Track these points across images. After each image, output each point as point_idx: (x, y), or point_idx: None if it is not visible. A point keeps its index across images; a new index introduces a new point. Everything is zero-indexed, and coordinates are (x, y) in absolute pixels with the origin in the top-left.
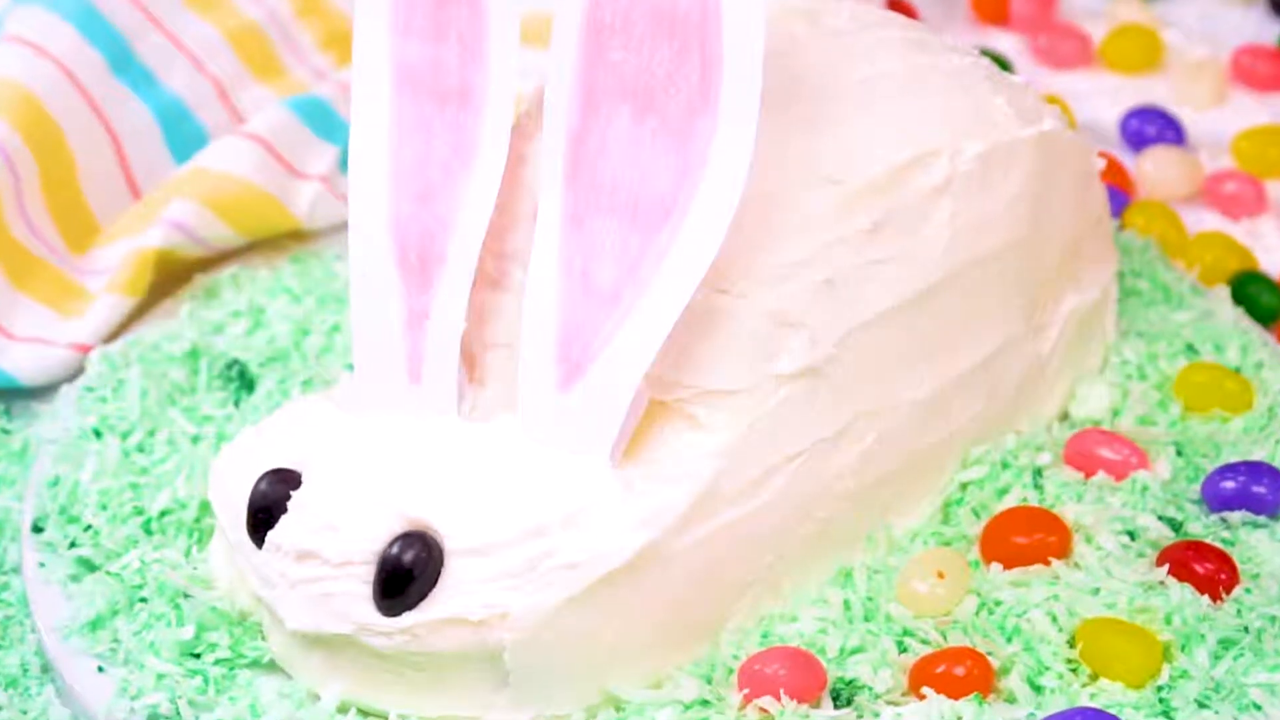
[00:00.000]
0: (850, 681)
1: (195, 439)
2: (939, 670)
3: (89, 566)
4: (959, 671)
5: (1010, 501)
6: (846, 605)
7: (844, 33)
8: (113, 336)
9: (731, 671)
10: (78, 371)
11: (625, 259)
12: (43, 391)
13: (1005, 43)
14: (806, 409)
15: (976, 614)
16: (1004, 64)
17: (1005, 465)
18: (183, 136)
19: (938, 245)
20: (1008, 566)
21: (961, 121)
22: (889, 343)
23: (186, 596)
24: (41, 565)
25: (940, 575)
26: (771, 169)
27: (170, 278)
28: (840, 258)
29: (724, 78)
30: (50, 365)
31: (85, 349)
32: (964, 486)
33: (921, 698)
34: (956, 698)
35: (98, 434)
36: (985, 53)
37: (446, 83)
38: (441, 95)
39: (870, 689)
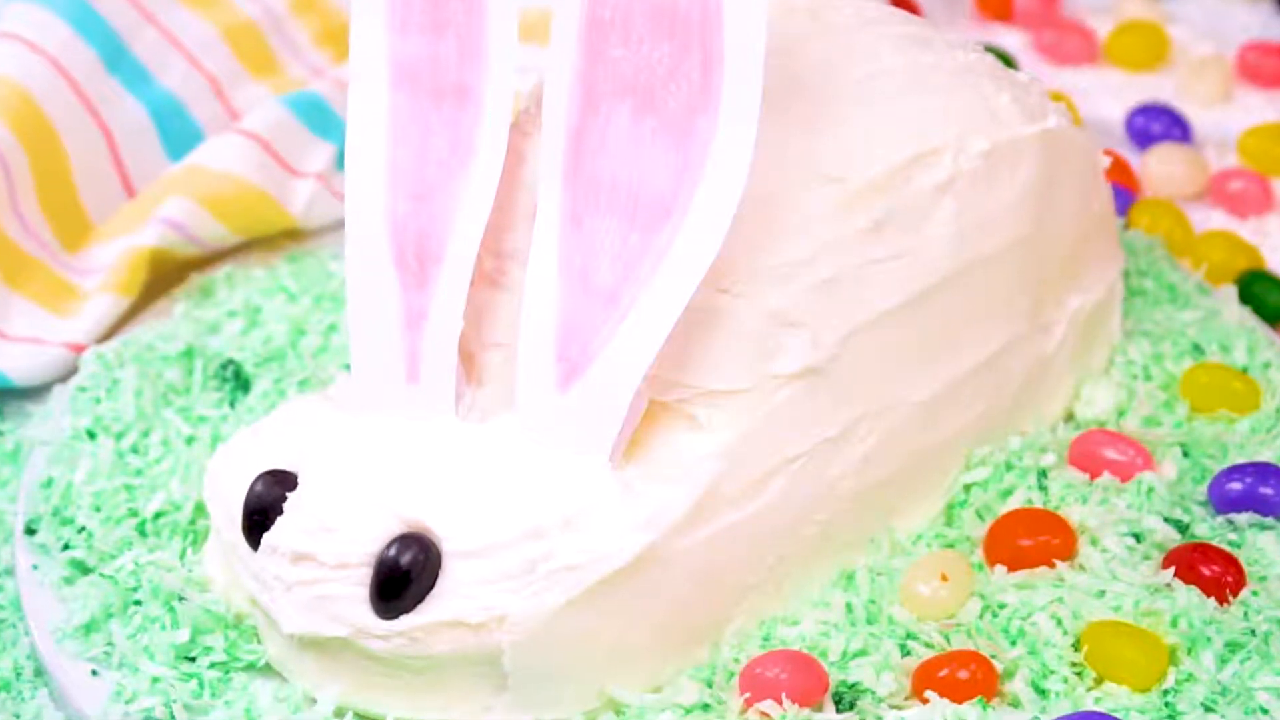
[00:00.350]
0: (853, 685)
1: (190, 440)
2: (942, 674)
3: (82, 569)
4: (963, 675)
5: (1014, 503)
6: (849, 608)
7: (846, 29)
8: (107, 336)
9: (732, 675)
10: (71, 371)
11: (625, 258)
12: (36, 392)
13: (1009, 39)
14: (807, 409)
15: (980, 617)
16: (1008, 60)
17: (1009, 466)
18: (177, 134)
19: (941, 244)
20: (1012, 569)
21: (965, 119)
22: (891, 342)
23: (181, 599)
24: (35, 568)
25: (944, 578)
26: (772, 168)
27: (165, 277)
28: (841, 257)
29: (725, 75)
30: (44, 365)
31: (79, 348)
32: (967, 488)
33: (925, 701)
34: (960, 701)
35: (91, 435)
36: (989, 49)
37: (444, 80)
38: (439, 92)
39: (873, 693)
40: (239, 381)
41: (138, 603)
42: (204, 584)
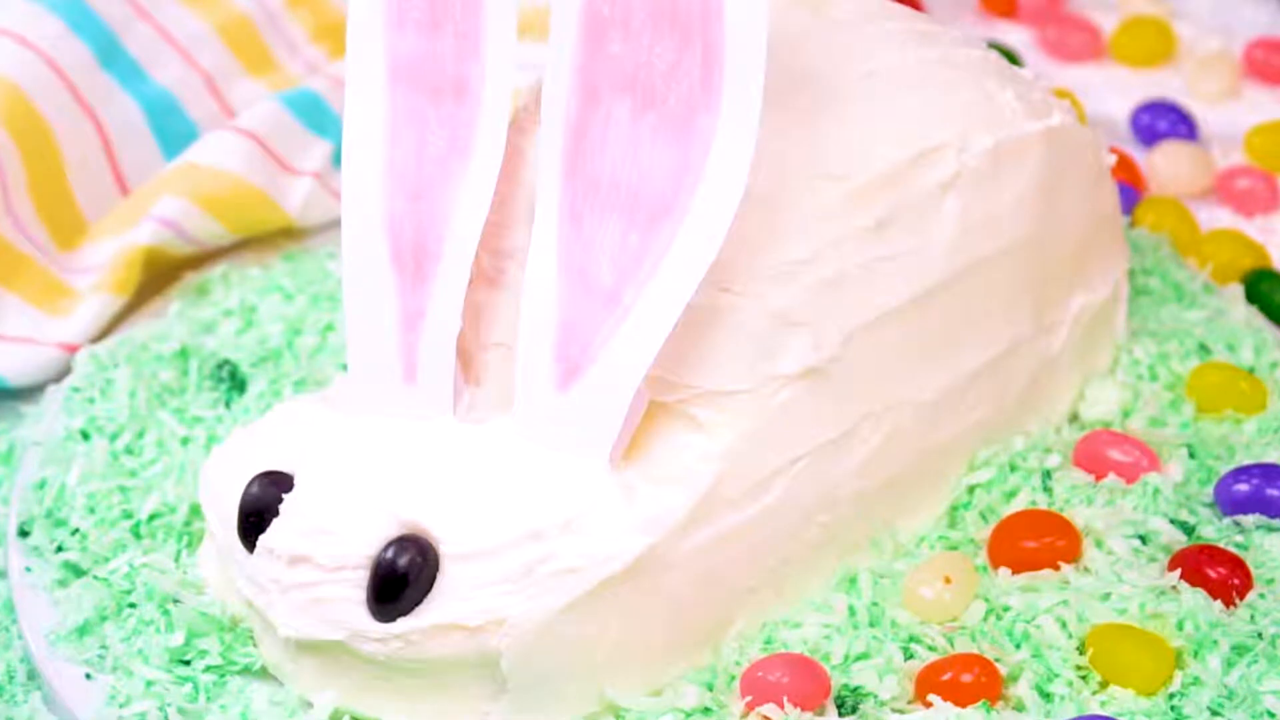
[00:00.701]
0: (855, 689)
1: (185, 441)
2: (946, 677)
3: (76, 571)
4: (966, 678)
5: (1019, 505)
6: (851, 611)
7: (848, 25)
8: (101, 336)
9: (734, 679)
10: (65, 372)
11: (625, 257)
12: (29, 392)
13: (1014, 36)
14: (809, 410)
15: (984, 620)
16: (1012, 57)
17: (1013, 468)
18: (172, 131)
19: (944, 243)
20: (1016, 571)
21: (969, 116)
22: (894, 343)
23: (176, 602)
24: (28, 570)
25: (947, 580)
26: (774, 165)
27: (160, 276)
28: (844, 256)
29: (725, 71)
30: (37, 365)
31: (72, 349)
32: (971, 490)
33: (928, 705)
34: (964, 705)
35: (85, 435)
36: (993, 46)
37: (442, 76)
38: (437, 90)
39: (875, 696)
40: (234, 382)
41: (132, 605)
42: (199, 586)
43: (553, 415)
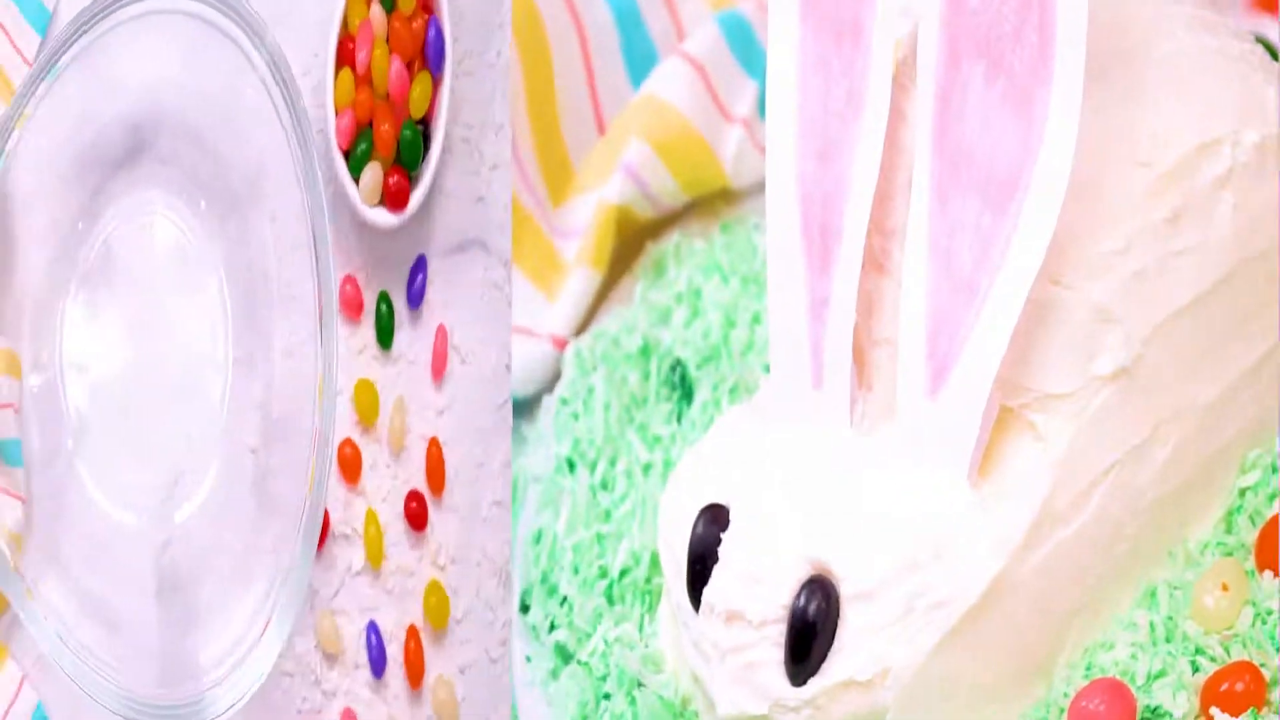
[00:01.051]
0: (1155, 709)
1: (646, 468)
2: (1223, 688)
3: (564, 656)
4: (1239, 687)
5: None
6: (1151, 627)
7: (1142, 2)
8: (583, 323)
9: (1063, 711)
10: (554, 375)
11: (980, 240)
12: (526, 406)
13: (1271, 31)
14: (1120, 414)
15: (1252, 625)
16: (1275, 53)
17: (1275, 469)
18: (634, 46)
19: (1222, 237)
20: (1278, 574)
21: (1241, 109)
22: (1184, 340)
23: (640, 686)
24: (528, 660)
25: (1224, 588)
26: (1090, 146)
27: (626, 245)
28: (1148, 248)
29: (1058, 38)
30: (534, 362)
31: (561, 342)
32: (1242, 493)
33: (1210, 719)
34: (1236, 715)
35: (570, 465)
36: (1259, 40)
37: (842, 14)
38: (839, 30)
39: (1171, 715)
40: (684, 388)
41: (606, 696)
42: (658, 662)
43: (923, 425)
